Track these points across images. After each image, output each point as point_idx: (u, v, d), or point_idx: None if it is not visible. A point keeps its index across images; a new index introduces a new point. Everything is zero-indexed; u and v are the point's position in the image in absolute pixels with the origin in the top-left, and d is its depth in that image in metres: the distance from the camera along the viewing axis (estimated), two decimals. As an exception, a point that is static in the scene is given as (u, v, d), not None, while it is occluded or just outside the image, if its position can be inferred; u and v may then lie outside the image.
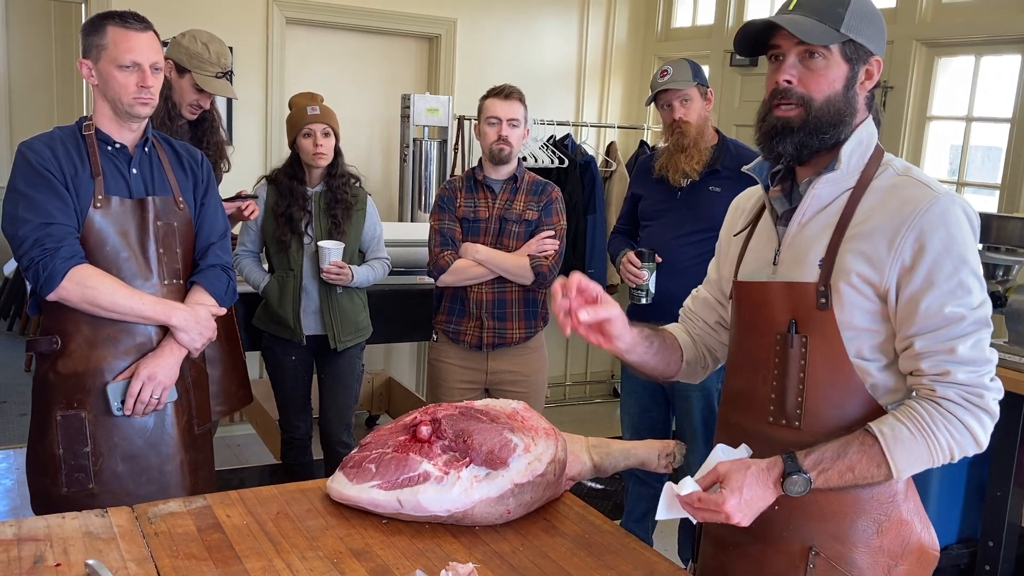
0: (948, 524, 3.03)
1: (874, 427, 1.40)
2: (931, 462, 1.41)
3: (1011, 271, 2.94)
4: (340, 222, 3.15)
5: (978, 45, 3.82)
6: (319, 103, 3.18)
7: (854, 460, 1.39)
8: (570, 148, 5.07)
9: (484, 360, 3.09)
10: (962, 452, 1.41)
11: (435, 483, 1.71)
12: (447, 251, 3.02)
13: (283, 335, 3.20)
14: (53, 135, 2.16)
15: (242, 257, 3.27)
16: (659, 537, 3.43)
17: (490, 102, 3.02)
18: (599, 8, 5.46)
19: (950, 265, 1.38)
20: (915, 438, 1.38)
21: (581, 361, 5.76)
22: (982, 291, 1.41)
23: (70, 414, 2.13)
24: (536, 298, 3.11)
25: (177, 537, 1.62)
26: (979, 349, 1.39)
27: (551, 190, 3.09)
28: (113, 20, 2.12)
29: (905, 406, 1.42)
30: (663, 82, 2.94)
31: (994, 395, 1.40)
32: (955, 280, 1.38)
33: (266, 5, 4.62)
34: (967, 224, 1.41)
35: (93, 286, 2.07)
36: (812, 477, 1.38)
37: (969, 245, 1.40)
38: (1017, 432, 2.83)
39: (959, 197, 1.44)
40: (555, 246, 3.03)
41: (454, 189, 3.10)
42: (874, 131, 1.52)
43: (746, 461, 1.43)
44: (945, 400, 1.38)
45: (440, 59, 5.10)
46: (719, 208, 2.89)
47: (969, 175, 3.94)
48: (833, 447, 1.40)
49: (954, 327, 1.38)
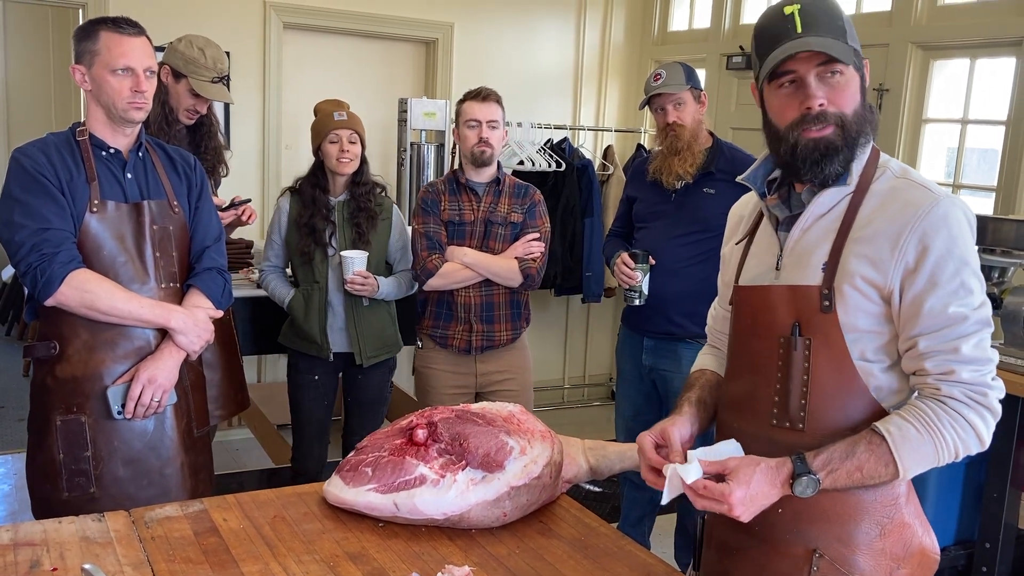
0: (945, 526, 3.04)
1: (880, 427, 1.41)
2: (936, 461, 1.42)
3: (1006, 273, 2.95)
4: (364, 231, 3.04)
5: (973, 48, 3.83)
6: (346, 109, 3.09)
7: (862, 460, 1.40)
8: (567, 152, 5.08)
9: (473, 363, 3.09)
10: (967, 450, 1.43)
11: (431, 486, 1.71)
12: (434, 255, 3.00)
13: (310, 351, 3.10)
14: (47, 141, 2.16)
15: (267, 273, 3.18)
16: (656, 540, 3.43)
17: (468, 105, 3.02)
18: (596, 12, 5.47)
19: (952, 266, 1.40)
20: (922, 437, 1.39)
21: (579, 364, 5.76)
22: (982, 291, 1.43)
23: (70, 419, 2.13)
24: (520, 299, 3.11)
25: (174, 541, 1.63)
26: (982, 348, 1.41)
27: (533, 192, 3.10)
28: (106, 25, 2.12)
29: (910, 405, 1.44)
30: (656, 86, 2.95)
31: (997, 393, 1.43)
32: (957, 280, 1.40)
33: (263, 10, 4.63)
34: (967, 225, 1.43)
35: (91, 290, 2.07)
36: (821, 478, 1.39)
37: (970, 246, 1.42)
38: (1014, 433, 2.84)
39: (958, 199, 1.45)
40: (541, 248, 3.04)
41: (437, 192, 3.08)
42: (869, 133, 1.52)
43: (755, 458, 1.44)
44: (950, 399, 1.40)
45: (437, 63, 5.11)
46: (713, 210, 2.94)
47: (965, 177, 3.95)
48: (841, 447, 1.41)
49: (958, 327, 1.40)
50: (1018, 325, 2.81)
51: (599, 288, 5.18)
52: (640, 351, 3.10)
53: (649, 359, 3.08)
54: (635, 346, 3.12)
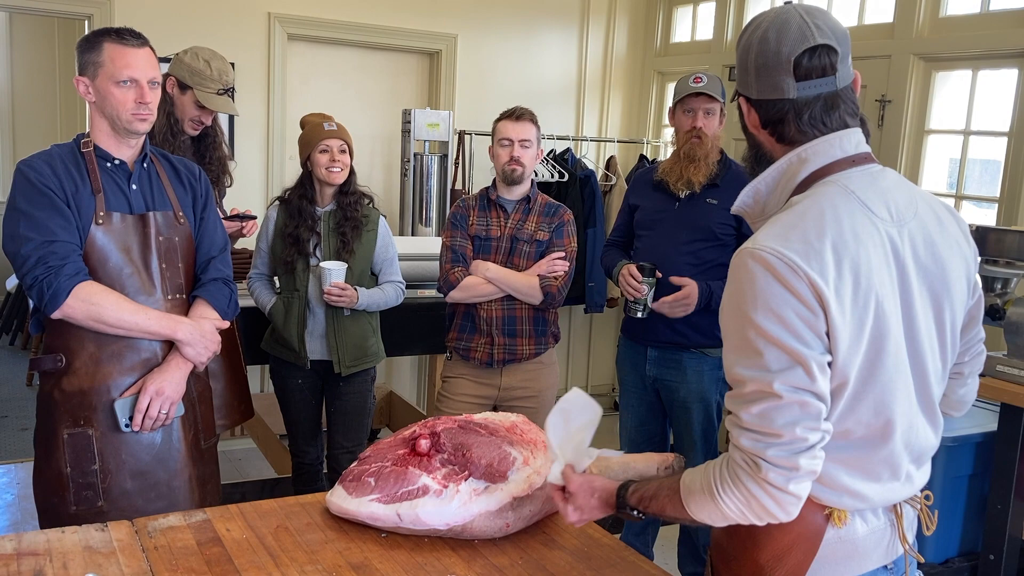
0: (949, 537, 3.03)
1: (684, 475, 1.40)
2: (728, 520, 1.33)
3: (1009, 284, 2.95)
4: (349, 240, 3.08)
5: (975, 59, 3.84)
6: (333, 121, 3.14)
7: (664, 503, 1.42)
8: (570, 162, 5.10)
9: (497, 376, 3.10)
10: (759, 519, 1.30)
11: (434, 496, 1.71)
12: (458, 267, 3.04)
13: (288, 358, 3.15)
14: (52, 153, 2.16)
15: (253, 280, 3.23)
16: (659, 551, 3.42)
17: (502, 124, 3.05)
18: (599, 23, 5.50)
19: (735, 322, 1.29)
20: (704, 495, 1.33)
21: (582, 374, 5.76)
22: (781, 356, 1.25)
23: (77, 432, 2.13)
24: (545, 316, 3.11)
25: (177, 551, 1.63)
26: (767, 419, 1.25)
27: (563, 212, 3.11)
28: (109, 37, 2.12)
29: (715, 460, 1.36)
30: (696, 86, 2.94)
31: (780, 472, 1.25)
32: (740, 338, 1.28)
33: (268, 21, 4.66)
34: (764, 278, 1.26)
35: (98, 302, 2.07)
36: (640, 510, 1.47)
37: (758, 303, 1.26)
38: (1017, 445, 2.83)
39: (767, 245, 1.28)
40: (565, 267, 3.04)
41: (467, 207, 3.12)
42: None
43: (593, 485, 1.56)
44: (733, 462, 1.30)
45: (441, 74, 5.13)
46: (715, 219, 2.95)
47: (968, 188, 3.96)
48: (652, 488, 1.46)
49: (739, 388, 1.29)
50: (1021, 336, 2.81)
51: (602, 298, 5.19)
52: (644, 361, 3.09)
53: (653, 370, 3.08)
54: (638, 357, 3.12)
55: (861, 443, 1.35)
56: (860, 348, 1.29)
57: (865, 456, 1.36)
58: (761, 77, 1.38)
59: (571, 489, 1.57)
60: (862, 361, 1.30)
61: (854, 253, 1.28)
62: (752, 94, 1.41)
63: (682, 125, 3.00)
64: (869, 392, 1.32)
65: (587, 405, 1.62)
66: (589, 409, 1.62)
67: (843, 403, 1.31)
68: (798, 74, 1.36)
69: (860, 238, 1.30)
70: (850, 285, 1.27)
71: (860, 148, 1.39)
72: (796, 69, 1.35)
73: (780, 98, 1.38)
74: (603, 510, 1.56)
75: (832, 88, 1.37)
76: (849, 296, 1.27)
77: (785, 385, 1.24)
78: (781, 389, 1.24)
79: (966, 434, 2.97)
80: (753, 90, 1.40)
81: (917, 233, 1.36)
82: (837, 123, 1.38)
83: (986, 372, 2.88)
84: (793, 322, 1.25)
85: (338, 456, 3.23)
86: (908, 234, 1.35)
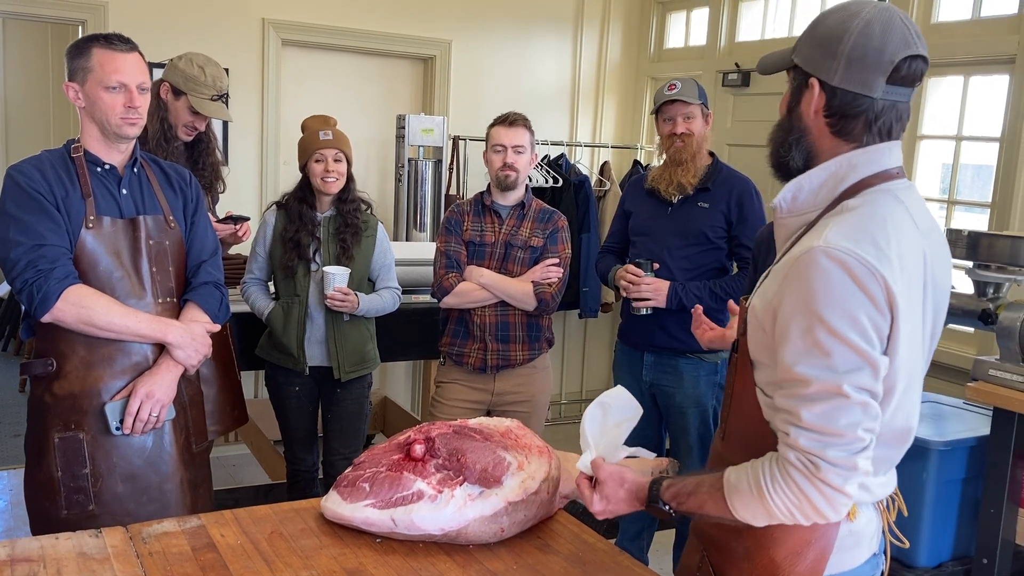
0: (942, 542, 3.03)
1: (728, 472, 1.38)
2: (775, 520, 1.33)
3: (1001, 289, 2.96)
4: (349, 246, 3.07)
5: (967, 65, 3.86)
6: (332, 127, 3.10)
7: (703, 500, 1.40)
8: (564, 168, 5.10)
9: (491, 381, 3.10)
10: (807, 519, 1.31)
11: (429, 502, 1.71)
12: (451, 273, 3.04)
13: (286, 364, 3.12)
14: (41, 158, 2.16)
15: (249, 285, 3.20)
16: (654, 555, 3.42)
17: (495, 130, 3.05)
18: (593, 29, 5.51)
19: (803, 322, 1.27)
20: (752, 494, 1.32)
21: (576, 379, 5.76)
22: (852, 355, 1.25)
23: (68, 436, 2.13)
24: (539, 322, 3.11)
25: (171, 557, 1.62)
26: (829, 419, 1.25)
27: (558, 219, 3.11)
28: (98, 42, 2.12)
29: (760, 459, 1.35)
30: (670, 94, 2.97)
31: (838, 472, 1.26)
32: (809, 339, 1.27)
33: (262, 27, 4.65)
34: (840, 279, 1.26)
35: (88, 306, 2.07)
36: (672, 507, 1.44)
37: (833, 303, 1.25)
38: (1010, 449, 2.84)
39: (843, 244, 1.27)
40: (559, 274, 3.04)
41: (462, 212, 3.12)
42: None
43: (623, 476, 1.52)
44: (786, 461, 1.29)
45: (435, 80, 5.13)
46: (707, 223, 2.97)
47: (960, 193, 3.97)
48: (690, 484, 1.43)
49: (800, 389, 1.28)
50: (1013, 341, 2.82)
51: (596, 303, 5.19)
52: (640, 366, 3.10)
53: (650, 375, 3.09)
54: (635, 362, 3.12)
55: (885, 445, 1.39)
56: (914, 354, 1.34)
57: (885, 456, 1.41)
58: (853, 67, 1.36)
59: (600, 478, 1.53)
60: (913, 367, 1.35)
61: (909, 263, 1.31)
62: (832, 80, 1.38)
63: (662, 132, 3.05)
64: (908, 397, 1.37)
65: (629, 404, 1.63)
66: (630, 408, 1.63)
67: (890, 407, 1.34)
68: (893, 78, 1.35)
69: (912, 249, 1.33)
70: (907, 292, 1.30)
71: (899, 161, 1.42)
72: (894, 72, 1.35)
73: (863, 94, 1.36)
74: (631, 504, 1.52)
75: (908, 100, 1.39)
76: (910, 303, 1.30)
77: (852, 386, 1.25)
78: (849, 390, 1.25)
79: (959, 438, 2.98)
80: (836, 76, 1.37)
81: (936, 249, 1.40)
82: (897, 134, 1.41)
83: (979, 376, 2.89)
84: (864, 324, 1.25)
85: (335, 462, 3.22)
86: (932, 248, 1.39)
